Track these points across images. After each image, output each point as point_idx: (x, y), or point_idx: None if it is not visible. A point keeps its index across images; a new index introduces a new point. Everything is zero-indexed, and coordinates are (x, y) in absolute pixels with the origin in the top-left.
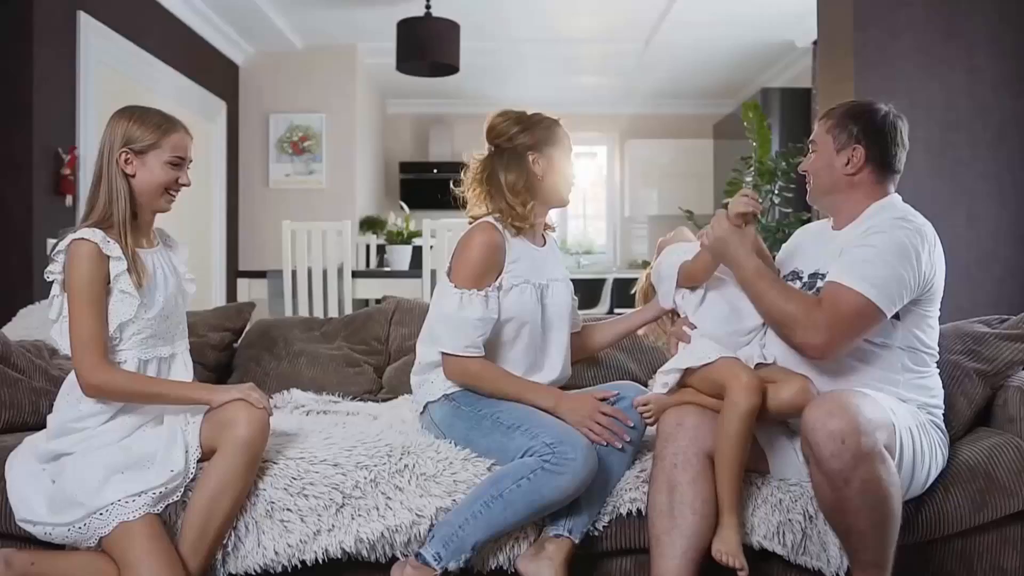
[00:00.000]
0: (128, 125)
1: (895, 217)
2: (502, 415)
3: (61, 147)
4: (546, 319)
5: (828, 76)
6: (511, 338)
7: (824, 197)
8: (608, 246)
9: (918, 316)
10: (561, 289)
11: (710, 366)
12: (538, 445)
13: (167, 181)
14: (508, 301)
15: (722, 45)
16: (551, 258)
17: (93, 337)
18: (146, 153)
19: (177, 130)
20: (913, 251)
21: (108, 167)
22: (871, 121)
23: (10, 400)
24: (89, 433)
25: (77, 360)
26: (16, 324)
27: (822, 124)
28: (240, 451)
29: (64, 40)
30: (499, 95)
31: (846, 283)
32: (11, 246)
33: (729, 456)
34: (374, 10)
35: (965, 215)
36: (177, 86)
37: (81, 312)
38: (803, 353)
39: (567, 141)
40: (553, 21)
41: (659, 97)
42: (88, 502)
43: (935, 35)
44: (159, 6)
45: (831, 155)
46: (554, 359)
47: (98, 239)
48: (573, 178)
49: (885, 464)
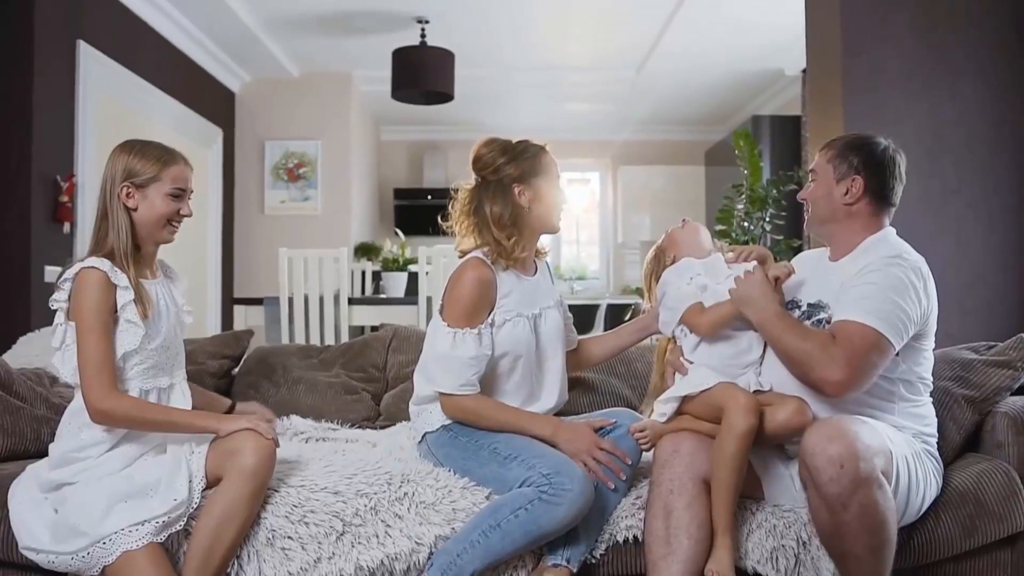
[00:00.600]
0: (128, 159)
1: (891, 255)
2: (499, 445)
3: (59, 174)
4: (540, 348)
5: (817, 103)
6: (507, 371)
7: (822, 226)
8: (601, 271)
9: (915, 350)
10: (554, 315)
11: (708, 391)
12: (535, 476)
13: (169, 213)
14: (501, 336)
15: (712, 73)
16: (543, 285)
17: (102, 363)
18: (147, 186)
19: (177, 162)
20: (912, 287)
21: (110, 201)
22: (871, 154)
23: (12, 428)
24: (91, 462)
25: (86, 386)
26: (16, 351)
27: (823, 154)
28: (246, 480)
29: (64, 69)
30: (493, 122)
31: (856, 318)
32: (9, 273)
33: (725, 478)
34: (369, 38)
35: (954, 240)
36: (174, 113)
37: (89, 339)
38: (822, 391)
39: (554, 168)
40: (546, 50)
41: (651, 124)
42: (91, 531)
43: (922, 62)
44: (157, 35)
45: (831, 184)
46: (550, 387)
47: (106, 268)
48: (562, 204)
49: (883, 490)
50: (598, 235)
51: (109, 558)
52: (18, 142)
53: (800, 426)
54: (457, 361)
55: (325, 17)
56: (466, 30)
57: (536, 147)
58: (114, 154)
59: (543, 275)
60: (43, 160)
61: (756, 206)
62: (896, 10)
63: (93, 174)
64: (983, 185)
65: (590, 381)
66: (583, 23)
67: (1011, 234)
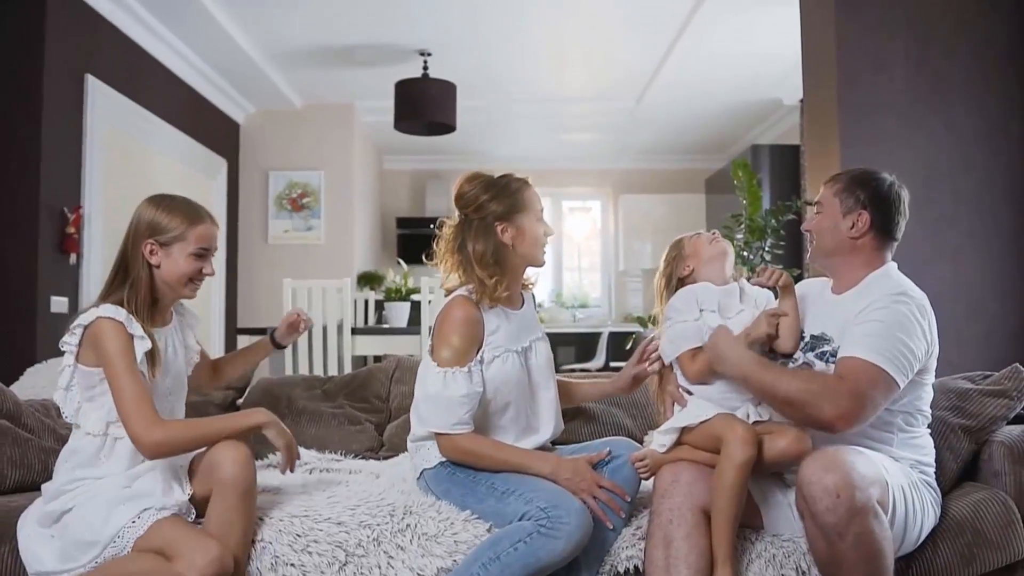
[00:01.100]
0: (155, 214)
1: (896, 292)
2: (496, 480)
3: (66, 206)
4: (532, 382)
5: (814, 132)
6: (500, 407)
7: (826, 258)
8: (603, 299)
9: (916, 384)
10: (543, 347)
11: (707, 423)
12: (533, 510)
13: (191, 272)
14: (491, 372)
15: (711, 103)
16: (529, 317)
17: (140, 400)
18: (171, 244)
19: (203, 221)
20: (916, 325)
21: (132, 253)
22: (878, 189)
23: (20, 459)
24: (87, 485)
25: (131, 426)
26: (24, 383)
27: (829, 187)
28: (228, 490)
29: (72, 102)
30: (495, 151)
31: (860, 356)
32: (17, 304)
33: (725, 508)
34: (372, 70)
35: (950, 269)
36: (179, 144)
37: (122, 381)
38: (824, 428)
39: (537, 202)
40: (546, 81)
41: (651, 153)
42: (99, 538)
43: (917, 90)
44: (163, 68)
45: (837, 218)
46: (546, 418)
47: (122, 318)
48: (546, 238)
49: (879, 519)
50: (600, 263)
51: (125, 551)
52: (26, 174)
53: (799, 454)
54: (449, 401)
55: (328, 50)
56: (468, 62)
57: (519, 182)
58: (141, 207)
59: (529, 307)
60: (51, 192)
61: (755, 236)
62: (891, 39)
63: (99, 205)
64: (980, 212)
65: (591, 411)
66: (582, 55)
67: (1009, 261)
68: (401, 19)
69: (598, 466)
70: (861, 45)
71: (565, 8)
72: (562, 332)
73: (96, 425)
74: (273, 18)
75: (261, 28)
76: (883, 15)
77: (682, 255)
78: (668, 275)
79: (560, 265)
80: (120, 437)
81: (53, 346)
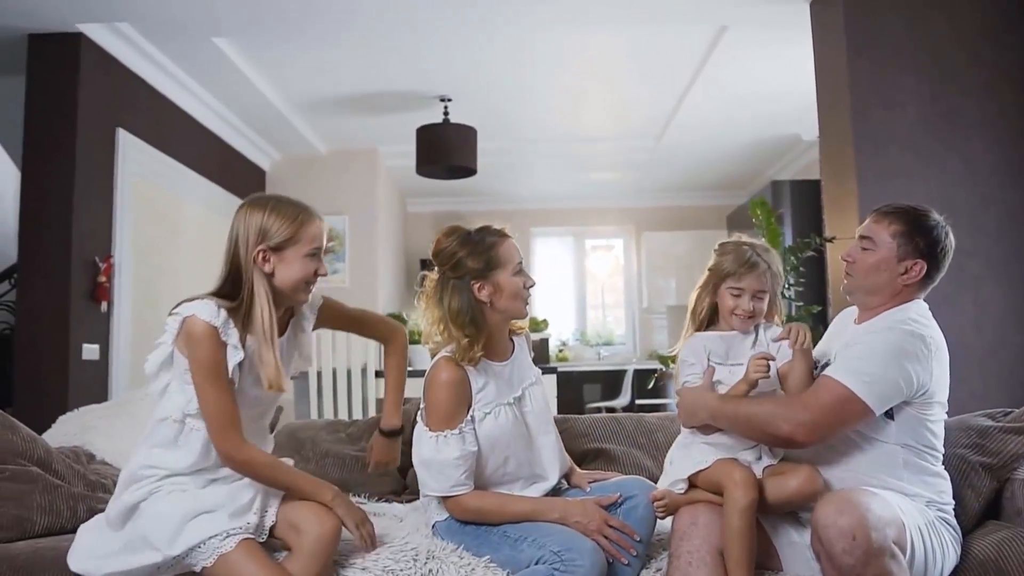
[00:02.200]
0: (263, 218)
1: (897, 320)
2: (508, 528)
3: (97, 255)
4: (530, 429)
5: (830, 168)
6: (500, 461)
7: (866, 296)
8: (627, 336)
9: (914, 418)
10: (537, 392)
11: (707, 470)
12: (546, 554)
13: (307, 275)
14: (485, 429)
15: (731, 140)
16: (520, 363)
17: (224, 413)
18: (284, 249)
19: (313, 220)
20: (905, 354)
21: (244, 264)
22: (937, 240)
23: (49, 506)
24: (162, 486)
25: (218, 440)
26: (56, 431)
27: (883, 225)
28: (308, 560)
29: (103, 155)
30: (516, 191)
31: (831, 374)
32: (49, 351)
33: (737, 553)
34: (394, 116)
35: (971, 302)
36: (207, 192)
37: (207, 390)
38: (791, 442)
39: (516, 255)
40: (565, 122)
41: (673, 190)
42: (165, 549)
43: (932, 127)
44: (190, 118)
45: (892, 263)
46: (549, 463)
47: (219, 323)
48: (527, 289)
49: (896, 560)
50: (623, 300)
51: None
52: (59, 225)
53: (812, 493)
54: (444, 464)
55: (351, 97)
56: (487, 106)
57: (495, 235)
58: (244, 212)
59: (520, 352)
60: (82, 242)
61: None
62: (903, 74)
63: (129, 254)
64: (1000, 246)
65: (611, 452)
66: (599, 96)
67: None
68: (421, 66)
69: (612, 506)
70: (873, 81)
71: (580, 51)
72: (587, 370)
73: (175, 410)
74: (297, 68)
75: (285, 78)
76: (895, 52)
77: (720, 276)
78: (703, 294)
79: (584, 303)
80: (196, 429)
81: (85, 392)
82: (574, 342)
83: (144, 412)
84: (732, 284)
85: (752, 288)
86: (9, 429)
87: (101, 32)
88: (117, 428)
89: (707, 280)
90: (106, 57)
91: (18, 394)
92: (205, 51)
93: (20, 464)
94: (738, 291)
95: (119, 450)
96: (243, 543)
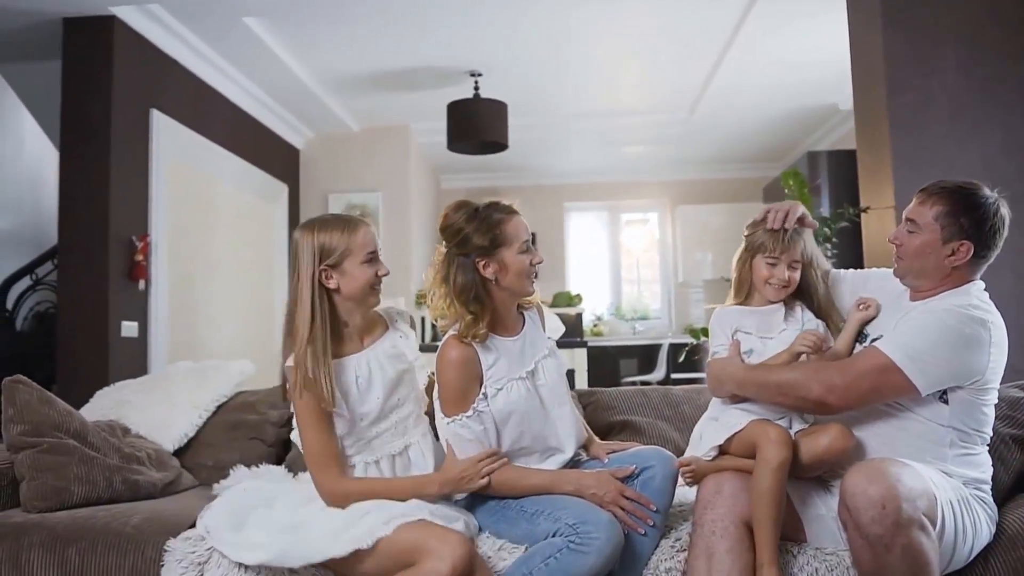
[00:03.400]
0: (316, 239)
1: (958, 303)
2: (525, 503)
3: (134, 234)
4: (544, 403)
5: (865, 140)
6: (516, 435)
7: (915, 279)
8: (663, 311)
9: (968, 403)
10: (551, 365)
11: (741, 432)
12: (562, 527)
13: (370, 279)
14: (498, 405)
15: (765, 111)
16: (532, 338)
17: (325, 455)
18: (342, 262)
19: (359, 227)
20: (963, 339)
21: (307, 287)
22: (984, 217)
23: (86, 477)
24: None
25: (315, 479)
26: (92, 405)
27: (928, 207)
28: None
29: (138, 136)
30: (550, 166)
31: (878, 346)
32: (88, 329)
33: (766, 513)
34: (425, 92)
35: (1012, 274)
36: (241, 172)
37: (309, 435)
38: (822, 406)
39: (523, 232)
40: (597, 96)
41: (708, 163)
42: (317, 552)
43: (969, 97)
44: (224, 99)
45: (936, 244)
46: (565, 435)
47: (309, 365)
48: (533, 266)
49: (925, 531)
50: (659, 274)
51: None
52: (96, 206)
53: (843, 450)
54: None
55: (382, 74)
56: (518, 81)
57: (503, 211)
58: (298, 240)
59: (532, 326)
60: (119, 222)
61: None
62: (940, 45)
63: (165, 233)
64: None
65: (637, 424)
66: (631, 69)
67: None
68: (451, 42)
69: (628, 478)
70: (908, 51)
71: (611, 24)
72: (623, 345)
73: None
74: (327, 47)
75: (315, 56)
76: (931, 20)
77: (753, 253)
78: (745, 260)
79: (619, 277)
80: (351, 467)
81: (124, 368)
82: (609, 316)
83: (178, 386)
84: (768, 255)
85: (788, 258)
86: (47, 403)
87: (134, 14)
88: (151, 403)
89: (743, 252)
90: (139, 39)
91: (60, 371)
92: (236, 31)
93: (57, 437)
94: (774, 260)
95: (152, 423)
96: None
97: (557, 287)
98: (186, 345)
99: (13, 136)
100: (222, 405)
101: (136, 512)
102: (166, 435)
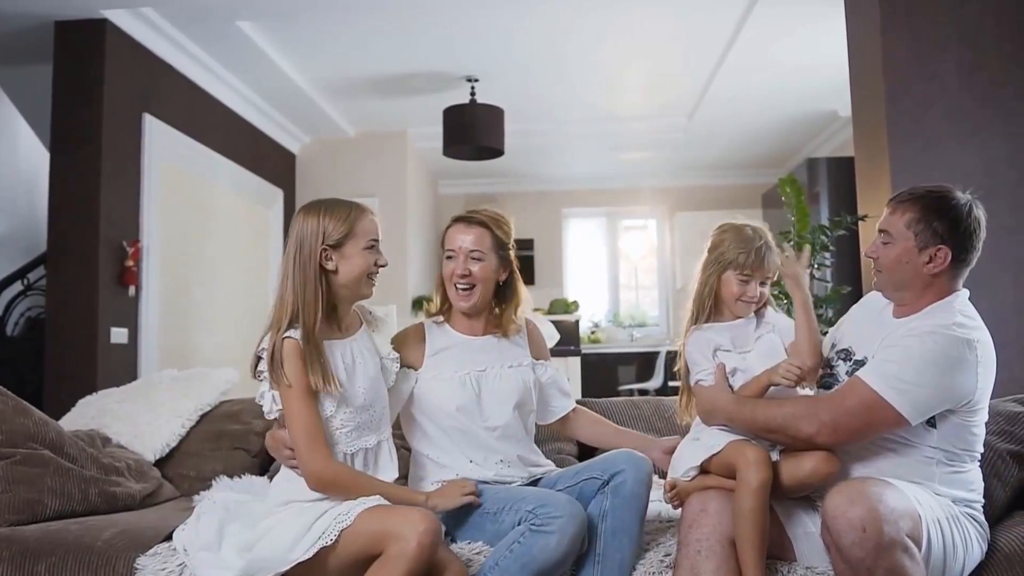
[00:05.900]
0: (319, 220)
1: (940, 324)
2: (486, 504)
3: (125, 240)
4: (482, 407)
5: (863, 149)
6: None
7: (896, 292)
8: (661, 318)
9: (958, 425)
10: (507, 374)
11: (720, 453)
12: (523, 514)
13: (368, 267)
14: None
15: (764, 117)
16: (499, 348)
17: (313, 431)
18: (343, 245)
19: (365, 214)
20: (949, 362)
21: (305, 266)
22: (957, 220)
23: (60, 489)
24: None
25: (301, 455)
26: (75, 413)
27: (899, 216)
28: (403, 566)
29: (130, 140)
30: (548, 172)
31: (863, 378)
32: (77, 335)
33: (749, 534)
34: (422, 98)
35: (1011, 282)
36: (236, 177)
37: (295, 408)
38: (812, 444)
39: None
40: (595, 102)
41: (706, 169)
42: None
43: (969, 103)
44: (219, 104)
45: (912, 253)
46: (488, 446)
47: (298, 337)
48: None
49: (908, 553)
50: (657, 281)
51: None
52: (87, 211)
53: (827, 474)
54: None
55: (378, 79)
56: (516, 86)
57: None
58: (301, 218)
59: (511, 339)
60: (109, 226)
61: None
62: (939, 51)
63: (157, 239)
64: None
65: None
66: (629, 74)
67: None
68: (447, 47)
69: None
70: (907, 57)
71: (609, 29)
72: (620, 352)
73: None
74: (323, 51)
75: (311, 61)
76: (930, 26)
77: (721, 263)
78: (708, 279)
79: (617, 284)
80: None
81: (113, 375)
82: (607, 323)
83: (161, 395)
84: (740, 272)
85: (760, 276)
86: (22, 413)
87: (126, 18)
88: (133, 412)
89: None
90: (131, 43)
91: (48, 377)
92: (230, 35)
93: (32, 448)
94: (746, 277)
95: (134, 433)
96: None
97: (555, 294)
98: (178, 352)
99: (7, 139)
100: (206, 414)
101: (110, 525)
102: (148, 445)
